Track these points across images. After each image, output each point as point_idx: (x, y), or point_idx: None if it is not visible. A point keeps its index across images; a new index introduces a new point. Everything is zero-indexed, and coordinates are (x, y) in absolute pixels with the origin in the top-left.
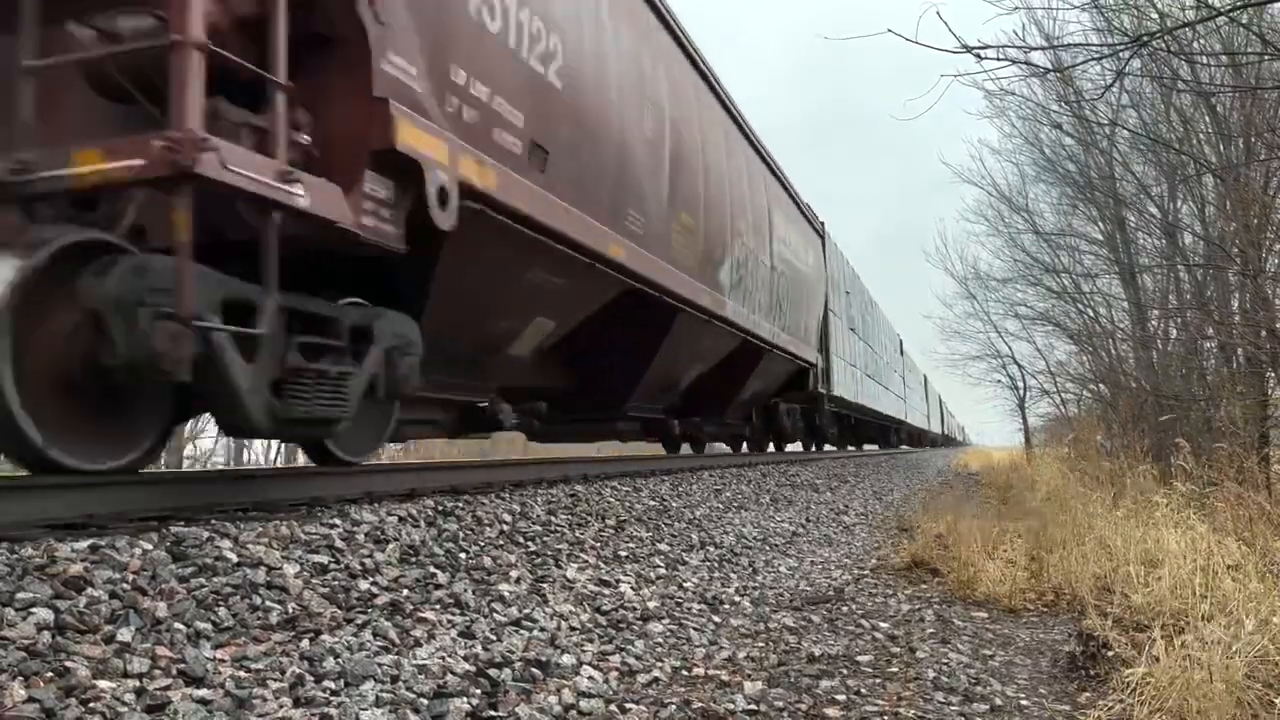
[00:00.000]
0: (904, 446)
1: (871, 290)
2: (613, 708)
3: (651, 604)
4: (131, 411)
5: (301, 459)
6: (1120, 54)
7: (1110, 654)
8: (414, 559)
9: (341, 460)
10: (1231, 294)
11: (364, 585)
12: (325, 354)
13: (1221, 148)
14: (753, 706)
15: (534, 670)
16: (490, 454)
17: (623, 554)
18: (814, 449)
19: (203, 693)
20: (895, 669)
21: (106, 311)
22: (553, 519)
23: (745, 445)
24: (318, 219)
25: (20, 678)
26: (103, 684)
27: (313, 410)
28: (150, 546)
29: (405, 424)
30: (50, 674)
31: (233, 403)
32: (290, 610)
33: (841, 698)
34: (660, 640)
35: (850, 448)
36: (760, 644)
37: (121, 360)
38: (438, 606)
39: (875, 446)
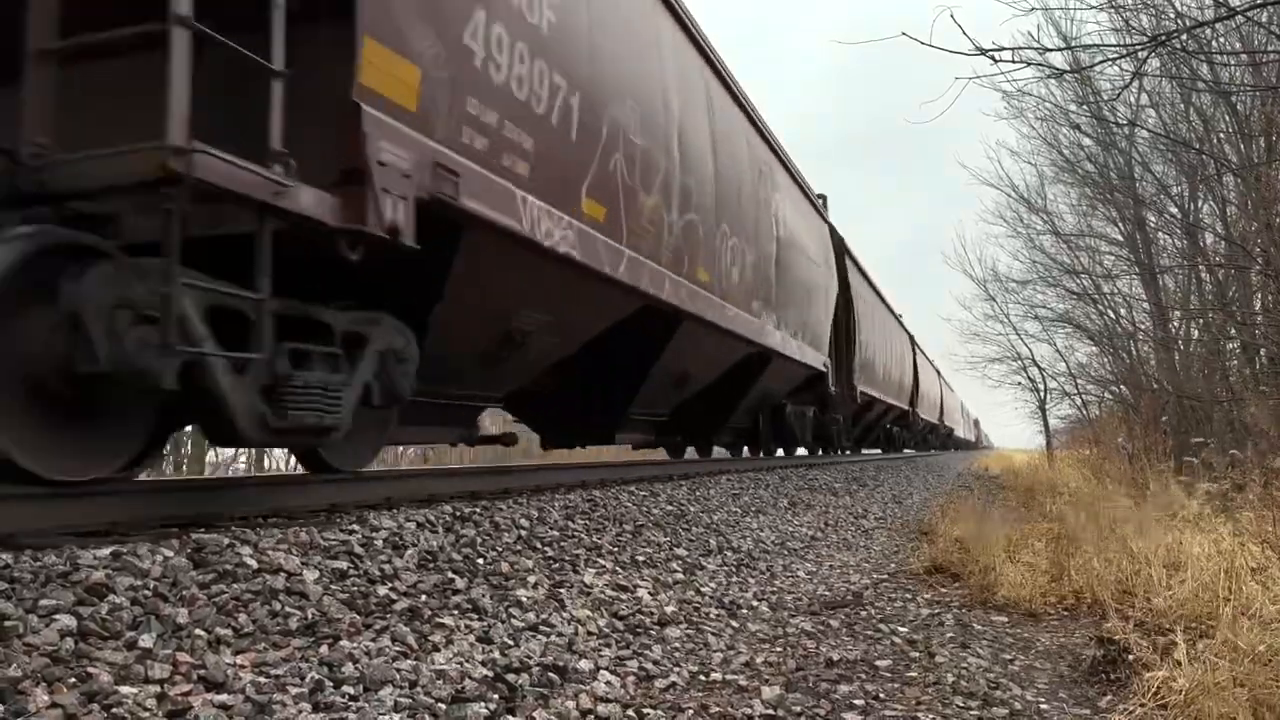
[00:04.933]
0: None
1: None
2: (630, 713)
3: (669, 609)
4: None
5: None
6: (1138, 54)
7: (1131, 658)
8: (432, 564)
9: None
10: (1254, 294)
11: (382, 591)
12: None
13: (1242, 147)
14: (770, 711)
15: (551, 675)
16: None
17: (640, 559)
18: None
19: (223, 698)
20: (914, 673)
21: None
22: (570, 524)
23: None
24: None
25: (44, 683)
26: (124, 690)
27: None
28: (171, 553)
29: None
30: (73, 680)
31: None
32: (310, 616)
33: (860, 702)
34: (678, 645)
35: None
36: (778, 649)
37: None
38: (455, 612)
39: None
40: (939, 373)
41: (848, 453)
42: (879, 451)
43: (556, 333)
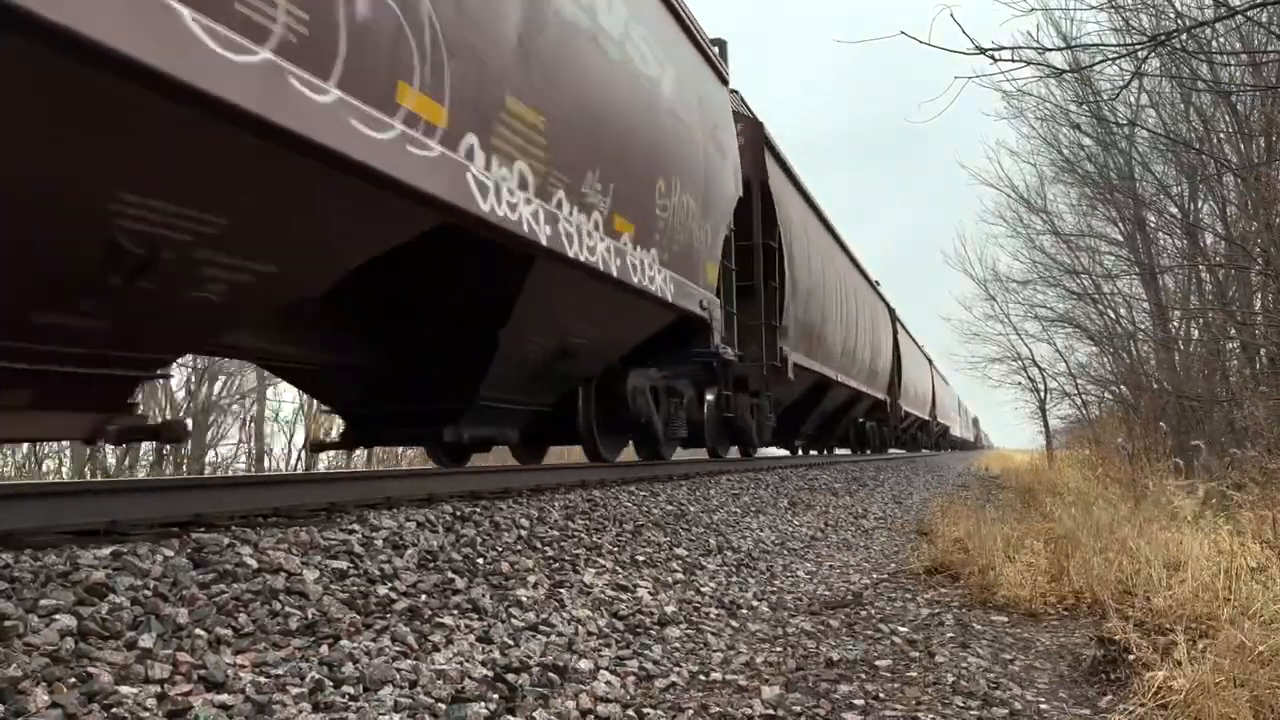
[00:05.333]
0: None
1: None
2: (630, 713)
3: (669, 609)
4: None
5: (322, 465)
6: (1138, 53)
7: (1131, 658)
8: (432, 564)
9: None
10: (1254, 294)
11: (383, 591)
12: None
13: (1242, 147)
14: (770, 711)
15: (551, 675)
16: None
17: (640, 559)
18: None
19: (223, 698)
20: (914, 673)
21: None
22: (570, 524)
23: None
24: None
25: (44, 683)
26: (124, 690)
27: None
28: (171, 553)
29: None
30: (73, 680)
31: None
32: (310, 616)
33: (860, 702)
34: (678, 645)
35: None
36: (778, 648)
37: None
38: (456, 612)
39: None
40: (930, 361)
41: (812, 454)
42: (848, 453)
43: None
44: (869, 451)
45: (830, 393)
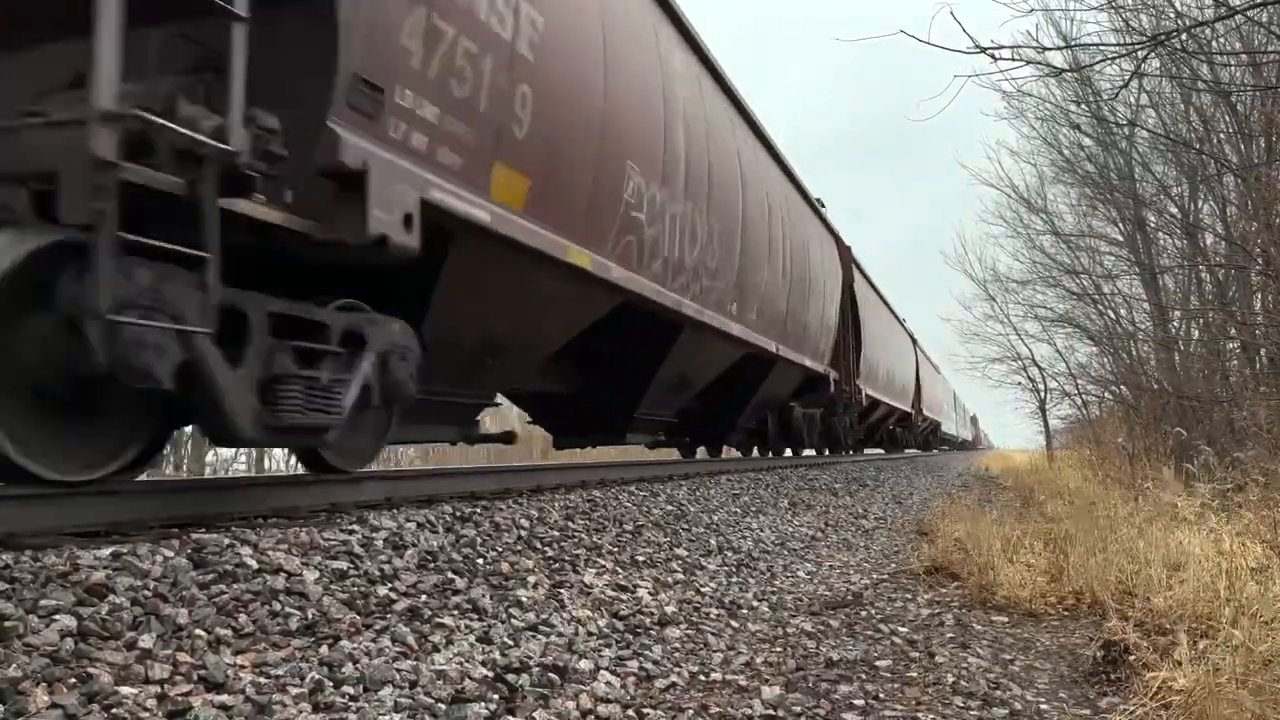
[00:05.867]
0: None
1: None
2: (630, 713)
3: (669, 609)
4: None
5: None
6: (1137, 53)
7: (1132, 658)
8: (432, 564)
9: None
10: (1254, 294)
11: (383, 591)
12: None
13: (1242, 147)
14: (770, 711)
15: (551, 675)
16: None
17: (640, 559)
18: None
19: (223, 699)
20: (914, 674)
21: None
22: (570, 524)
23: None
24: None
25: (44, 684)
26: (125, 690)
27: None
28: (171, 554)
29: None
30: (73, 680)
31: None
32: (310, 616)
33: (860, 702)
34: (678, 645)
35: None
36: (778, 649)
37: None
38: (455, 612)
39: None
40: (914, 340)
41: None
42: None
43: None
44: (809, 452)
45: (685, 342)
